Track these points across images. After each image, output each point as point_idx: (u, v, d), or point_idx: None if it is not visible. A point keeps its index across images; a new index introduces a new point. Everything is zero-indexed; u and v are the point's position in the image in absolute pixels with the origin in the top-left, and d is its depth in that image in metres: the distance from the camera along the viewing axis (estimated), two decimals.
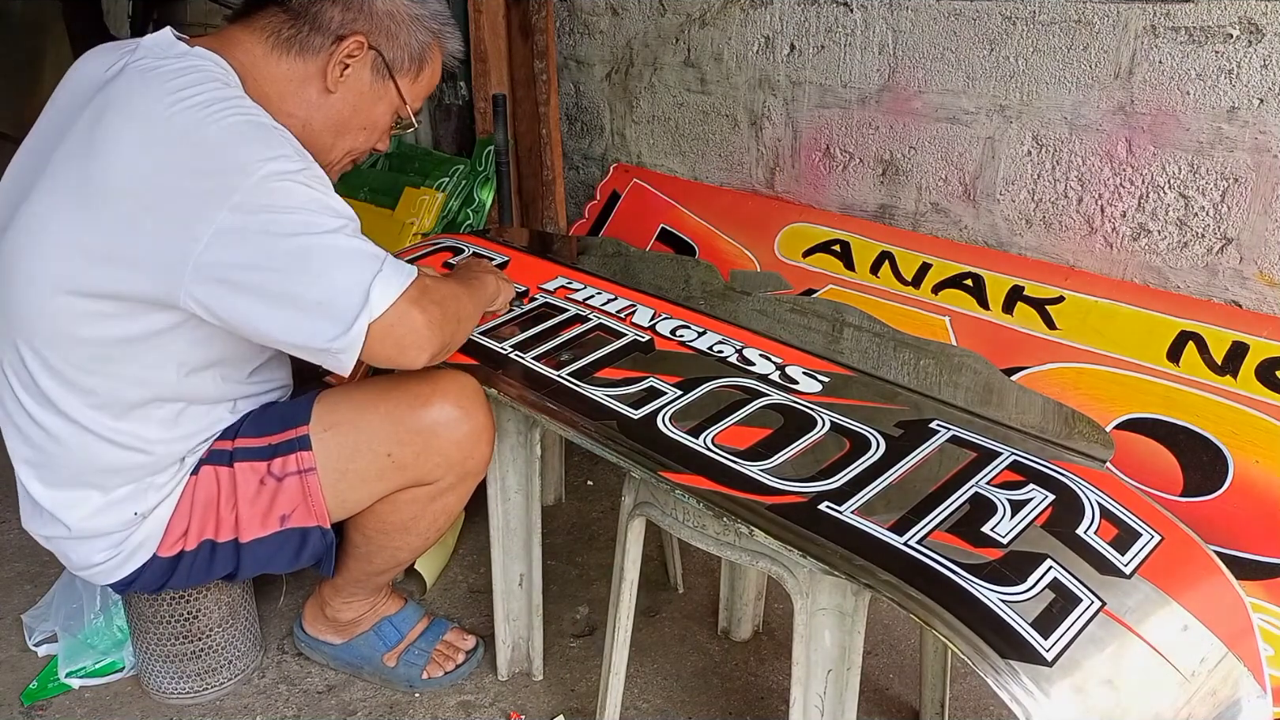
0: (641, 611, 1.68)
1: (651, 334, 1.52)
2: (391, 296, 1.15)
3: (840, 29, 2.06)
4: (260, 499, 1.34)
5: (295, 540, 1.38)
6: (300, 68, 1.28)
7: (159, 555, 1.34)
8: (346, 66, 1.29)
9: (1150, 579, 1.03)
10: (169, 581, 1.38)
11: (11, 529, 2.06)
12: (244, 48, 1.26)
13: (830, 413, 1.29)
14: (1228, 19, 1.55)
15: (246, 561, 1.38)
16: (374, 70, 1.32)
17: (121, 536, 1.32)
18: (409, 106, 1.37)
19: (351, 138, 1.36)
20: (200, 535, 1.35)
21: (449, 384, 1.38)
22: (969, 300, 1.85)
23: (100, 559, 1.34)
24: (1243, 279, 1.64)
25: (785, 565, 1.13)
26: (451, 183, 2.56)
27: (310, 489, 1.35)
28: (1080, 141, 1.77)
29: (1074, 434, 1.26)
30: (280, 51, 1.27)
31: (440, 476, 1.39)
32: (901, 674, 1.66)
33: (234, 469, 1.34)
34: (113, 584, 1.38)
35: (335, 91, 1.30)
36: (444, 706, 1.59)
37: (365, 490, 1.39)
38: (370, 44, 1.29)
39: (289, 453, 1.34)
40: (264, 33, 1.27)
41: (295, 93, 1.29)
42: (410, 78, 1.36)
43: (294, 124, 1.26)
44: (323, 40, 1.27)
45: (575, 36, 2.65)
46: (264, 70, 1.27)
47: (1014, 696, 0.88)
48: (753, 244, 2.20)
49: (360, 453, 1.35)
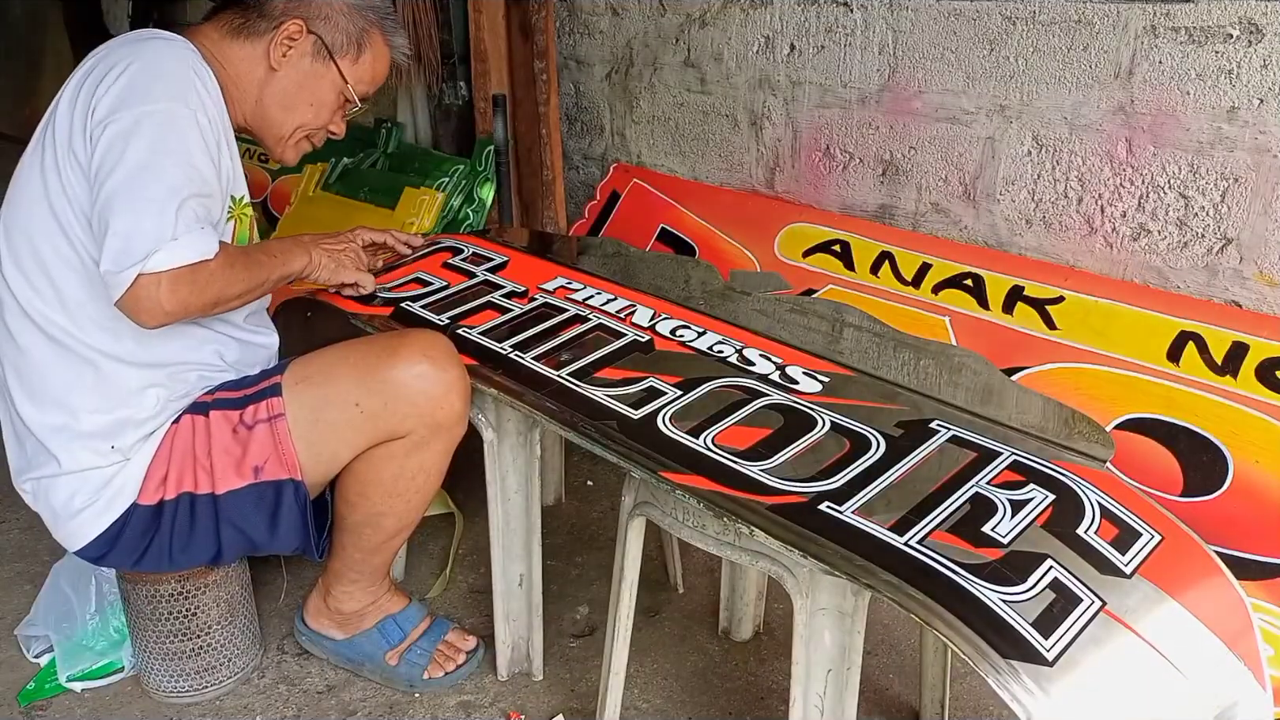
0: (641, 611, 1.67)
1: (651, 334, 1.52)
2: (167, 264, 1.23)
3: (840, 29, 2.06)
4: (234, 448, 1.40)
5: (270, 496, 1.40)
6: (250, 50, 1.46)
7: (140, 503, 1.38)
8: (289, 47, 1.46)
9: (1150, 579, 1.03)
10: (152, 542, 1.40)
11: (12, 529, 2.06)
12: (206, 35, 1.46)
13: (830, 413, 1.29)
14: (1228, 19, 1.55)
15: (226, 525, 1.40)
16: (315, 51, 1.48)
17: (102, 478, 1.37)
18: (351, 87, 1.52)
19: (300, 114, 1.51)
20: (179, 485, 1.39)
21: (418, 338, 1.45)
22: (969, 300, 1.84)
23: (81, 503, 1.37)
24: (1243, 279, 1.64)
25: (785, 565, 1.13)
26: (451, 183, 2.56)
27: (280, 436, 1.39)
28: (1080, 141, 1.77)
29: (1074, 434, 1.26)
30: (233, 37, 1.46)
31: (411, 429, 1.42)
32: (901, 674, 1.66)
33: (209, 417, 1.41)
34: (96, 540, 1.39)
35: (279, 70, 1.47)
36: (444, 706, 1.59)
37: (337, 441, 1.42)
38: (309, 28, 1.46)
39: (260, 400, 1.41)
40: (223, 24, 1.46)
41: (248, 72, 1.47)
42: (350, 59, 1.51)
43: (248, 100, 1.48)
44: (267, 24, 1.45)
45: (575, 36, 2.65)
46: (224, 53, 1.45)
47: (1015, 696, 0.88)
48: (753, 244, 2.19)
49: (330, 403, 1.41)
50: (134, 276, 1.21)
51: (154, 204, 1.23)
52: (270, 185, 2.99)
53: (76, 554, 1.44)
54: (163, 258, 1.22)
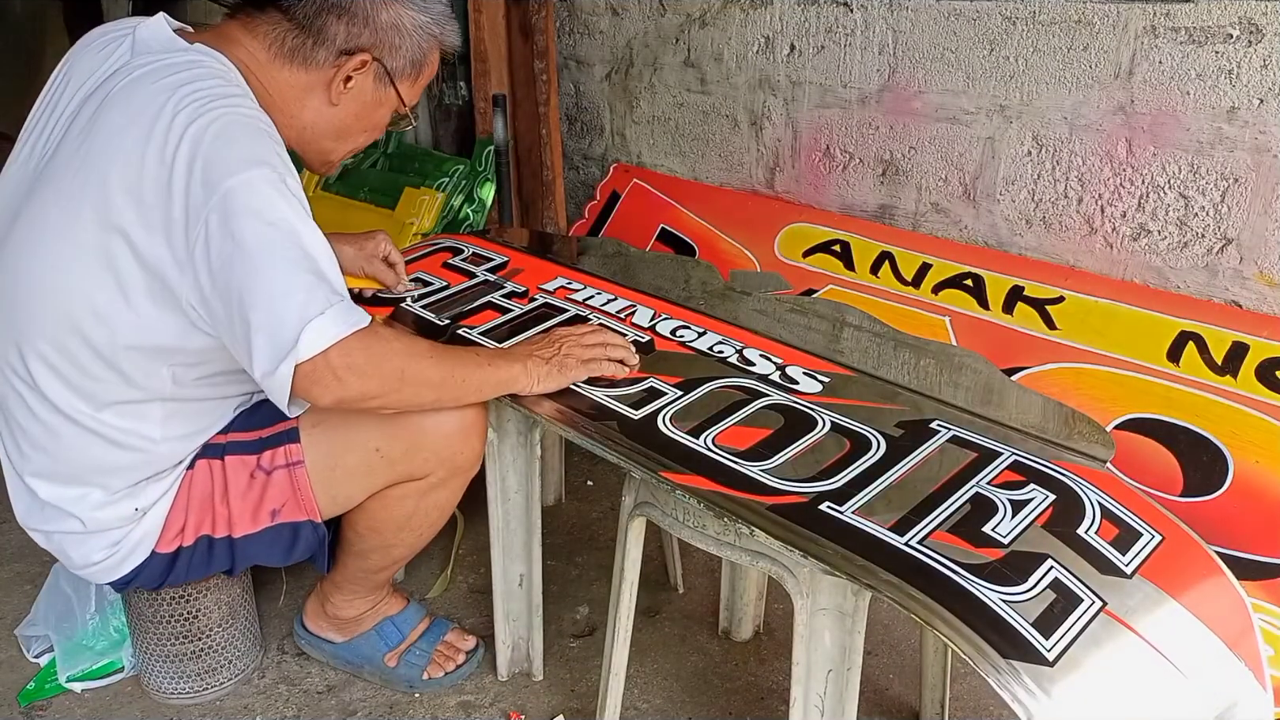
0: (641, 611, 1.67)
1: (652, 334, 1.52)
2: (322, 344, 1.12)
3: (840, 29, 2.06)
4: (250, 493, 1.35)
5: (287, 535, 1.38)
6: (303, 78, 1.28)
7: (158, 552, 1.35)
8: (350, 79, 1.29)
9: (1151, 579, 1.03)
10: (168, 578, 1.39)
11: (12, 528, 2.06)
12: (245, 49, 1.26)
13: (830, 413, 1.29)
14: (1228, 19, 1.55)
15: (241, 557, 1.39)
16: (376, 79, 1.32)
17: (121, 534, 1.33)
18: (408, 105, 1.38)
19: (354, 140, 1.39)
20: (197, 531, 1.36)
21: None
22: (969, 300, 1.84)
23: (99, 557, 1.34)
24: (1243, 279, 1.64)
25: (785, 565, 1.13)
26: (451, 183, 2.56)
27: (299, 482, 1.36)
28: (1080, 141, 1.77)
29: (1074, 434, 1.26)
30: (283, 60, 1.27)
31: (431, 471, 1.39)
32: (901, 674, 1.66)
33: (225, 462, 1.36)
34: (111, 582, 1.38)
35: (339, 105, 1.31)
36: (444, 707, 1.59)
37: (355, 485, 1.39)
38: (374, 57, 1.29)
39: (277, 445, 1.36)
40: (267, 39, 1.26)
41: (297, 99, 1.29)
42: (410, 81, 1.36)
43: (294, 127, 1.30)
44: (327, 54, 1.27)
45: (575, 36, 2.65)
46: (267, 74, 1.27)
47: (1015, 696, 0.88)
48: (753, 244, 2.19)
49: (349, 448, 1.36)
50: (290, 373, 1.11)
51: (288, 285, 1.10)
52: None
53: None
54: (312, 339, 1.10)
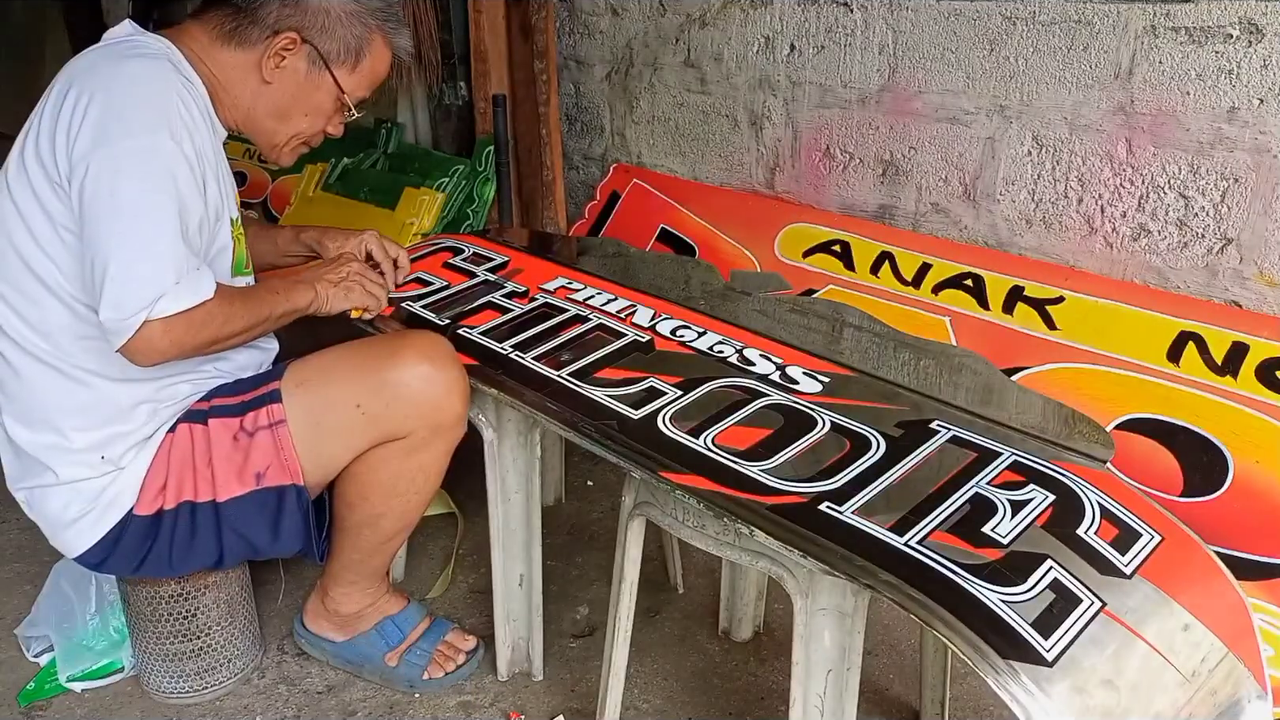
0: (641, 611, 1.67)
1: (651, 334, 1.52)
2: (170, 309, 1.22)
3: (840, 29, 2.06)
4: (235, 455, 1.38)
5: (272, 502, 1.40)
6: (241, 57, 1.40)
7: (136, 513, 1.37)
8: (282, 59, 1.40)
9: (1150, 579, 1.03)
10: (151, 549, 1.39)
11: (12, 529, 2.06)
12: (193, 36, 1.39)
13: (830, 413, 1.29)
14: (1228, 19, 1.55)
15: (228, 531, 1.40)
16: (309, 62, 1.42)
17: (95, 488, 1.36)
18: (349, 96, 1.46)
19: (295, 123, 1.47)
20: (179, 494, 1.38)
21: (419, 339, 1.44)
22: (969, 300, 1.84)
23: (75, 512, 1.36)
24: (1243, 279, 1.64)
25: (785, 565, 1.13)
26: (451, 183, 2.56)
27: (282, 442, 1.38)
28: (1080, 142, 1.77)
29: (1074, 434, 1.26)
30: (223, 42, 1.39)
31: (412, 429, 1.41)
32: (901, 674, 1.66)
33: (208, 425, 1.39)
34: (94, 547, 1.39)
35: (272, 82, 1.41)
36: (444, 707, 1.59)
37: (338, 444, 1.42)
38: (304, 38, 1.39)
39: (260, 407, 1.40)
40: (211, 25, 1.39)
41: (239, 80, 1.41)
42: (348, 69, 1.45)
43: (239, 108, 1.43)
44: (259, 33, 1.38)
45: (575, 36, 2.65)
46: (210, 56, 1.39)
47: (1014, 697, 0.88)
48: (753, 244, 2.19)
49: (331, 406, 1.40)
50: (139, 324, 1.21)
51: (148, 248, 1.22)
52: (270, 186, 2.99)
53: (75, 560, 1.43)
54: (166, 304, 1.22)
